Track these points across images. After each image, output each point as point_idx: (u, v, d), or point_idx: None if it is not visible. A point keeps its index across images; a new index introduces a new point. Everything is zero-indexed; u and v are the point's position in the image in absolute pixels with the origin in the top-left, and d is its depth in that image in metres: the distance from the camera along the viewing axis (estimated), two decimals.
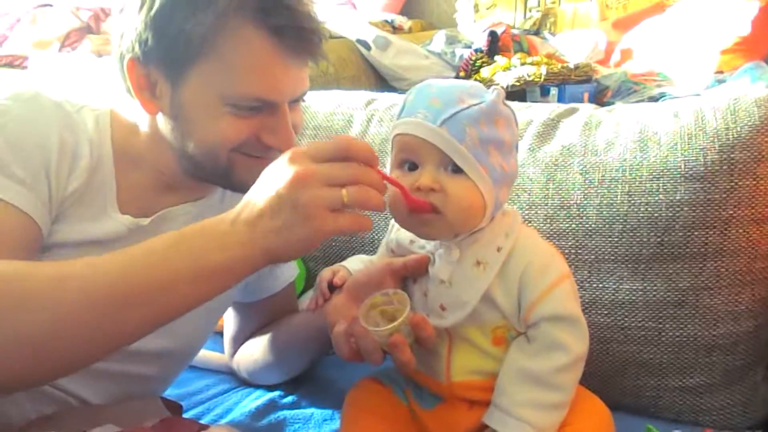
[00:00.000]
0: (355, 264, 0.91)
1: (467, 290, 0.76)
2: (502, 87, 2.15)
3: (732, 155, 0.95)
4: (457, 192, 0.73)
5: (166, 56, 0.82)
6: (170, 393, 1.07)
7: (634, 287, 0.99)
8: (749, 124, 0.95)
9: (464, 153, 0.72)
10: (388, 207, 0.76)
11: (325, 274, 0.88)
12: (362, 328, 0.76)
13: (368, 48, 2.52)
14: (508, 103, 0.78)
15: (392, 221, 0.88)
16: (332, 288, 0.87)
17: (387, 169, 0.78)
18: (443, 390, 0.81)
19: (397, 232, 0.86)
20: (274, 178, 0.69)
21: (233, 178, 0.87)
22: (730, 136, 0.95)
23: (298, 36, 0.81)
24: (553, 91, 2.08)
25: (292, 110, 0.87)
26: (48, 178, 0.82)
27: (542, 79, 2.08)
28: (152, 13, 0.80)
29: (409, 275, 0.82)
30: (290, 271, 1.14)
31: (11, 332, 0.63)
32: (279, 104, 0.84)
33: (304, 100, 0.91)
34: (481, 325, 0.78)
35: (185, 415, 1.01)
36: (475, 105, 0.74)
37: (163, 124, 0.87)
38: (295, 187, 0.66)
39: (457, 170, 0.73)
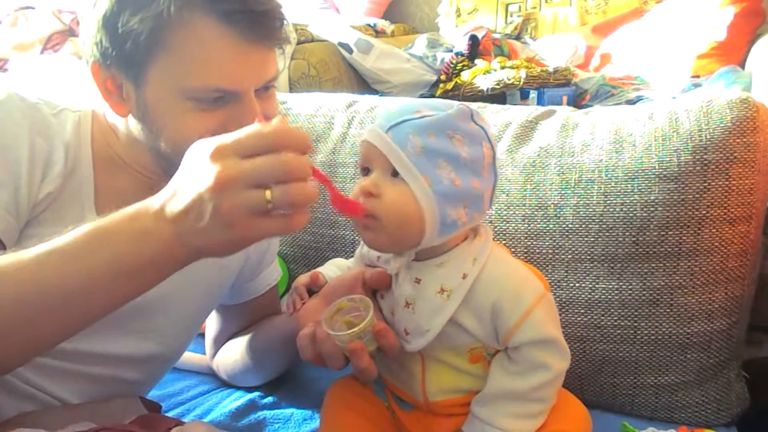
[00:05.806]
0: (332, 269, 0.92)
1: (429, 318, 0.75)
2: (482, 91, 2.18)
3: (705, 156, 0.96)
4: (393, 198, 0.72)
5: (122, 57, 0.80)
6: (151, 394, 1.06)
7: (610, 286, 1.00)
8: (721, 126, 0.97)
9: (403, 159, 0.72)
10: None
11: (302, 278, 0.89)
12: (324, 332, 0.76)
13: (350, 51, 2.52)
14: (483, 121, 0.77)
15: None
16: (311, 291, 0.88)
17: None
18: (421, 405, 0.82)
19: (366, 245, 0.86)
20: (197, 174, 0.64)
21: None
22: (703, 138, 0.97)
23: (252, 20, 0.79)
24: (533, 94, 2.10)
25: (262, 99, 0.85)
26: (16, 186, 0.80)
27: (522, 83, 2.09)
28: (101, 14, 0.79)
29: (374, 288, 0.83)
30: (274, 274, 1.14)
31: None
32: (242, 93, 0.82)
33: (273, 86, 0.88)
34: (455, 348, 0.78)
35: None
36: (428, 116, 0.74)
37: (135, 125, 0.86)
38: (215, 191, 0.62)
39: (398, 176, 0.73)
